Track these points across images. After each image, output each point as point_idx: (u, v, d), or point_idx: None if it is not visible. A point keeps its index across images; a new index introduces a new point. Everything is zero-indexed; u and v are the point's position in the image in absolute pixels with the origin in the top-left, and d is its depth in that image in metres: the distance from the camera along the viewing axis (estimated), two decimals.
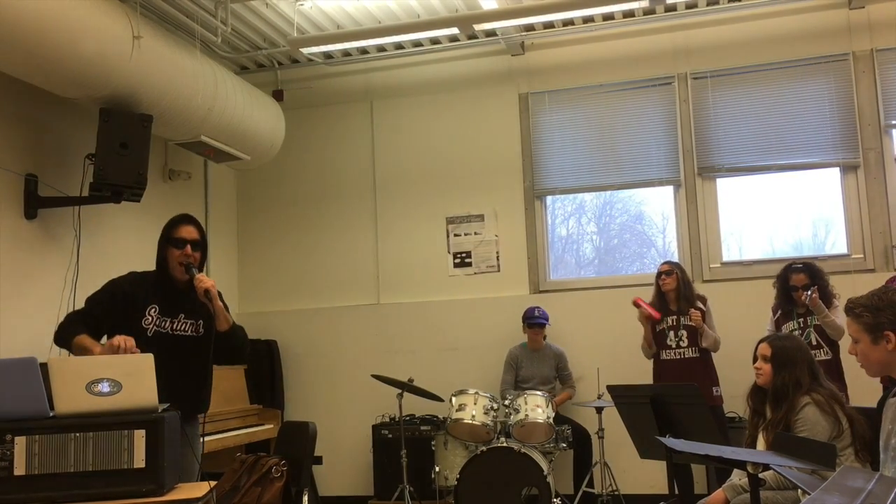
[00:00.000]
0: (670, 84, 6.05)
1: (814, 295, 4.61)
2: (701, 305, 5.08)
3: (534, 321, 5.68)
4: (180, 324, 3.39)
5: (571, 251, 6.51)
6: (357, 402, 6.32)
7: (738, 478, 3.29)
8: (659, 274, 5.17)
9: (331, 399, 6.44)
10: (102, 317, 3.29)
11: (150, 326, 3.33)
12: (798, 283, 4.78)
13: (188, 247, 3.37)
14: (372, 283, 6.53)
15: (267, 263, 6.79)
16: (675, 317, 5.09)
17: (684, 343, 5.05)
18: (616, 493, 5.29)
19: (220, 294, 3.40)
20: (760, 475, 2.68)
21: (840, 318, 4.69)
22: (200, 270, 3.41)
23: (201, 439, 3.39)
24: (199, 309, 3.38)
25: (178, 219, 3.47)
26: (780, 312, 4.90)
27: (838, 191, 5.77)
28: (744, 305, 5.45)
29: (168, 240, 3.39)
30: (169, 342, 3.32)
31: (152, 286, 3.39)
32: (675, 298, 5.11)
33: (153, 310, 3.35)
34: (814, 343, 4.70)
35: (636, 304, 5.12)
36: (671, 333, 5.07)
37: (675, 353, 5.07)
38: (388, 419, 5.99)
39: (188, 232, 3.40)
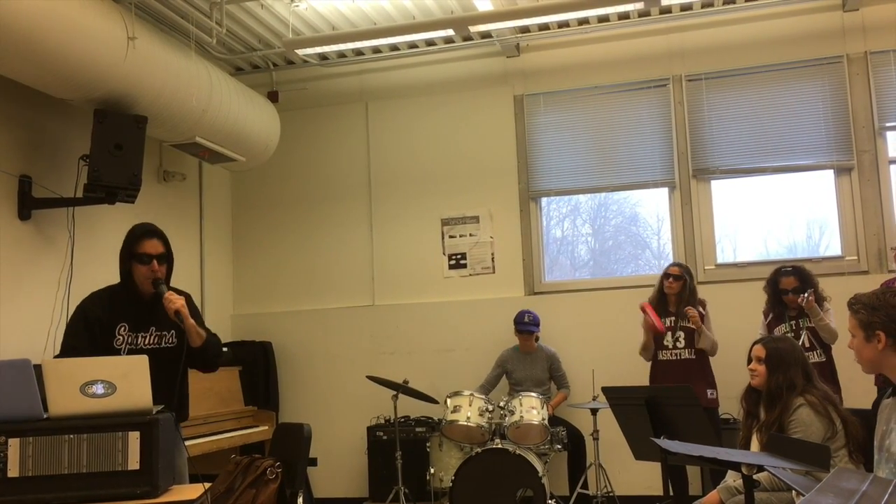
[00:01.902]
0: (665, 86, 6.06)
1: (810, 297, 4.61)
2: (700, 308, 5.07)
3: (523, 328, 5.63)
4: (152, 337, 3.31)
5: (566, 253, 6.51)
6: (352, 404, 6.32)
7: (732, 479, 3.30)
8: (666, 275, 5.11)
9: (326, 400, 6.43)
10: (84, 348, 3.18)
11: (123, 346, 3.24)
12: (788, 286, 4.79)
13: (154, 262, 3.25)
14: (367, 284, 6.52)
15: (262, 265, 6.78)
16: (673, 318, 5.09)
17: (681, 344, 5.05)
18: (611, 494, 5.29)
19: (190, 298, 3.33)
20: (755, 476, 2.68)
21: (832, 321, 4.71)
22: (168, 282, 3.31)
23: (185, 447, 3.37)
24: (169, 319, 3.27)
25: (140, 231, 3.31)
26: (771, 316, 4.91)
27: (832, 193, 5.79)
28: (738, 307, 5.46)
29: (132, 255, 3.26)
30: None
31: (118, 303, 3.28)
32: (675, 301, 5.10)
33: (122, 328, 3.25)
34: (807, 345, 4.71)
35: (643, 310, 5.07)
36: (668, 334, 5.07)
37: (671, 354, 5.07)
38: (383, 421, 5.99)
39: (153, 246, 3.26)
